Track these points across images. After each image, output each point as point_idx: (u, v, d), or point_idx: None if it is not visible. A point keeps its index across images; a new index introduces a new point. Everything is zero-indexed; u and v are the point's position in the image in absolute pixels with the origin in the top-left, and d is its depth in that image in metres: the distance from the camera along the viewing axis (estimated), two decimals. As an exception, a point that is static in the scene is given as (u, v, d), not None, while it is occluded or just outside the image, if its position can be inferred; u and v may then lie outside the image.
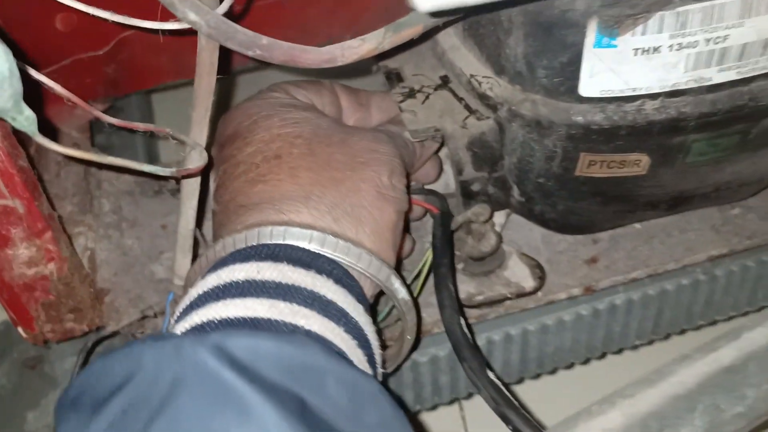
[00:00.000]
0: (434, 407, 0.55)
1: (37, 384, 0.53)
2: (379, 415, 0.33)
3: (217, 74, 0.38)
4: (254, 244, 0.38)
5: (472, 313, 0.51)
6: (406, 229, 0.47)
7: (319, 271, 0.37)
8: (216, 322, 0.34)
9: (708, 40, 0.39)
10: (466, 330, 0.44)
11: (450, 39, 0.48)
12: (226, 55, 0.38)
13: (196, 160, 0.37)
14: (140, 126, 0.39)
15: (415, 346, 0.45)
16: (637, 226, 0.55)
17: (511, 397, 0.41)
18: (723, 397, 0.39)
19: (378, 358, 0.40)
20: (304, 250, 0.38)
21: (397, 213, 0.42)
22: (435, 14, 0.36)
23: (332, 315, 0.36)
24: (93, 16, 0.35)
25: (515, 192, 0.49)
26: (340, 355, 0.35)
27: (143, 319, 0.49)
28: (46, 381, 0.53)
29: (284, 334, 0.33)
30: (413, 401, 0.53)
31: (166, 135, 0.38)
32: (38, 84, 0.32)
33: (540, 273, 0.51)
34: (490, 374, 0.42)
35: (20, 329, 0.46)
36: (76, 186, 0.56)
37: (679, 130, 0.43)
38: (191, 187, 0.42)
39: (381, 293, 0.43)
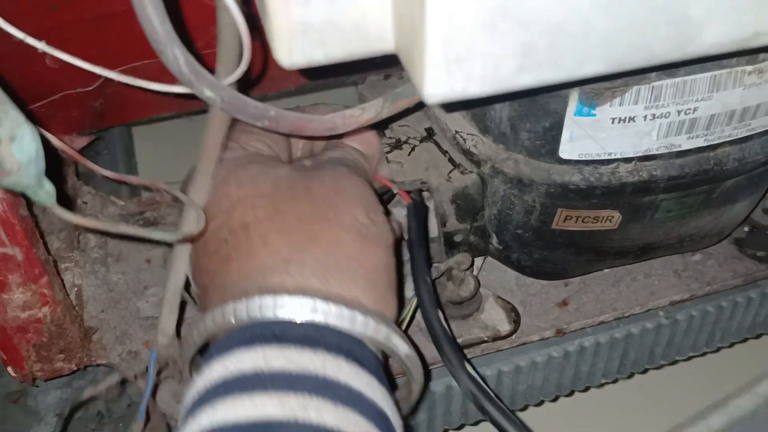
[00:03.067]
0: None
1: (20, 417, 0.53)
2: None
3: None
4: (255, 317, 0.36)
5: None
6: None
7: (328, 349, 0.35)
8: (227, 428, 0.32)
9: (679, 111, 0.43)
10: (444, 324, 0.45)
11: (436, 94, 0.50)
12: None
13: (194, 223, 0.38)
14: (133, 180, 0.41)
15: (421, 398, 0.46)
16: (606, 270, 0.58)
17: (489, 390, 0.43)
18: None
19: (398, 429, 0.37)
20: (306, 325, 0.36)
21: (386, 249, 0.40)
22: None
23: (346, 400, 0.34)
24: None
25: (494, 240, 0.52)
26: None
27: (123, 384, 0.48)
28: (29, 414, 0.53)
29: None
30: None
31: (160, 190, 0.39)
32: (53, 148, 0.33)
33: (515, 316, 0.54)
34: (469, 367, 0.44)
35: (10, 369, 0.47)
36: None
37: (650, 191, 0.46)
38: (182, 246, 0.42)
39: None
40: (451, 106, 0.48)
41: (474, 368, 0.44)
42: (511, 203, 0.48)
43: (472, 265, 0.51)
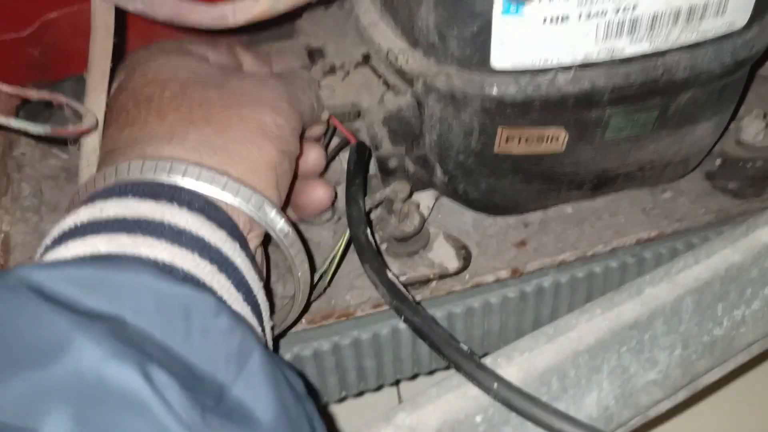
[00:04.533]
0: (361, 393, 0.53)
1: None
2: (203, 323, 0.31)
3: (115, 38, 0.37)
4: (109, 184, 0.36)
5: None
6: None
7: (171, 201, 0.35)
8: (55, 268, 0.31)
9: (617, 10, 0.39)
10: (371, 239, 0.43)
11: (369, 15, 0.47)
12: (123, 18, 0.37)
13: (84, 123, 0.36)
14: (34, 94, 0.38)
15: (310, 295, 0.44)
16: (568, 209, 0.55)
17: (406, 293, 0.41)
18: (631, 358, 0.39)
19: (261, 300, 0.37)
20: (158, 183, 0.35)
21: (280, 152, 0.40)
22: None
23: (186, 243, 0.33)
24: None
25: (438, 171, 0.48)
26: (198, 282, 0.33)
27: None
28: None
29: (108, 264, 0.31)
30: (338, 387, 0.52)
31: (61, 103, 0.37)
32: None
33: (465, 254, 0.51)
34: (389, 274, 0.42)
35: None
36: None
37: (594, 104, 0.43)
38: (89, 148, 0.41)
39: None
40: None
41: (395, 275, 0.42)
42: (448, 125, 0.45)
43: (410, 195, 0.48)
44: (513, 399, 0.34)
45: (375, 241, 0.43)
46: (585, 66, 0.41)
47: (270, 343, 0.39)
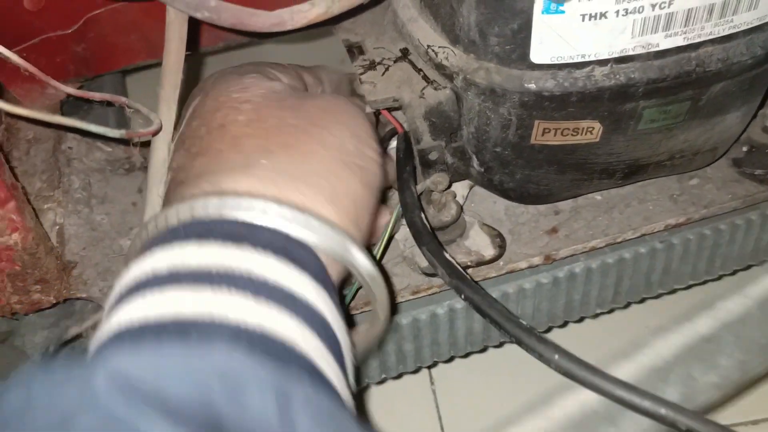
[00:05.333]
0: (399, 376, 0.56)
1: (8, 357, 0.54)
2: (302, 412, 0.28)
3: (187, 51, 0.38)
4: (184, 220, 0.33)
5: (435, 282, 0.52)
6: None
7: (255, 245, 0.32)
8: (134, 327, 0.30)
9: (654, 6, 0.41)
10: (425, 221, 0.44)
11: (408, 11, 0.49)
12: (196, 32, 0.39)
13: (151, 126, 0.38)
14: (96, 95, 0.40)
15: (389, 325, 0.44)
16: (598, 197, 0.56)
17: (464, 272, 0.42)
18: (697, 366, 0.41)
19: (345, 346, 0.34)
20: (236, 222, 0.33)
21: (364, 186, 0.38)
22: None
23: (273, 299, 0.31)
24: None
25: (474, 162, 0.50)
26: (292, 350, 0.31)
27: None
28: (17, 354, 0.54)
29: (195, 341, 0.29)
30: (378, 370, 0.54)
31: (122, 104, 0.39)
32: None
33: (500, 242, 0.52)
34: (447, 255, 0.43)
35: (-13, 301, 0.47)
36: (45, 163, 0.57)
37: (629, 97, 0.44)
38: (158, 157, 0.42)
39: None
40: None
41: (452, 257, 0.43)
42: (487, 118, 0.46)
43: (449, 186, 0.50)
44: (573, 369, 0.36)
45: (430, 225, 0.45)
46: (621, 60, 0.43)
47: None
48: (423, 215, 0.44)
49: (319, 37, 0.68)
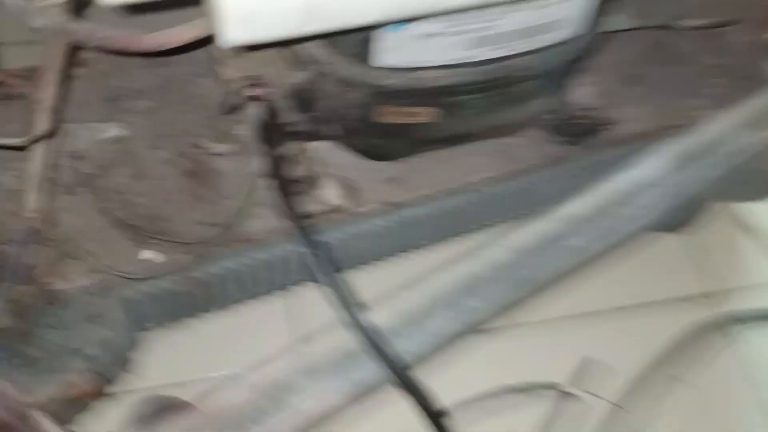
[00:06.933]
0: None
1: None
2: None
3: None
4: None
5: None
6: None
7: None
8: None
9: (481, 28, 0.49)
10: (280, 178, 0.54)
11: None
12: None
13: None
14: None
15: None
16: (433, 154, 0.67)
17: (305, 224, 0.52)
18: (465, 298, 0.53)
19: None
20: None
21: None
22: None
23: None
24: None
25: (329, 129, 0.59)
26: None
27: None
28: None
29: None
30: (239, 293, 0.64)
31: None
32: None
33: (348, 192, 0.62)
34: (292, 207, 0.53)
35: None
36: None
37: (455, 93, 0.54)
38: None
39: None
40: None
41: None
42: (338, 99, 0.55)
43: (304, 146, 0.58)
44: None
45: (284, 179, 0.54)
46: (447, 67, 0.52)
47: None
48: (278, 171, 0.53)
49: None
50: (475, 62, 0.52)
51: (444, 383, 0.59)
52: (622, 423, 0.68)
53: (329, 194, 0.62)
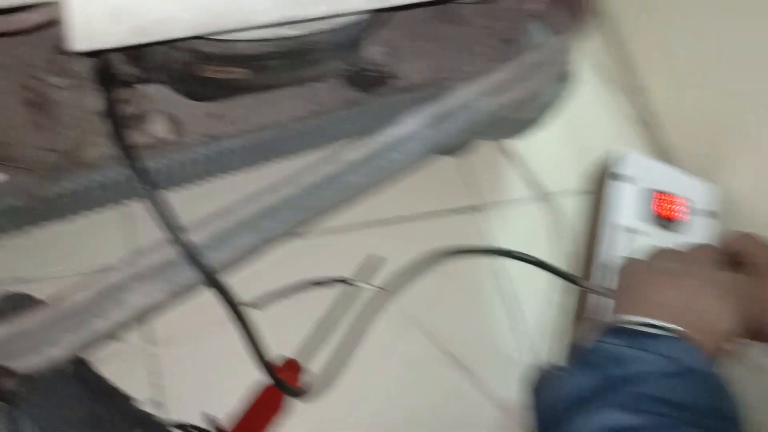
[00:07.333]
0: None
1: None
2: None
3: None
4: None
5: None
6: None
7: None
8: None
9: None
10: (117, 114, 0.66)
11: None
12: None
13: None
14: None
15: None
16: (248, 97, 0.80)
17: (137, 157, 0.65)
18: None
19: None
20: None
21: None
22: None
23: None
24: None
25: (157, 77, 0.70)
26: None
27: None
28: None
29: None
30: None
31: None
32: None
33: (175, 127, 0.75)
34: (126, 139, 0.66)
35: None
36: None
37: (262, 59, 0.67)
38: None
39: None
40: None
41: None
42: (165, 56, 0.66)
43: (138, 92, 0.70)
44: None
45: (117, 115, 0.65)
46: (255, 41, 0.65)
47: None
48: (113, 109, 0.64)
49: None
50: (277, 38, 0.65)
51: (254, 281, 0.76)
52: (386, 303, 0.88)
53: (157, 128, 0.74)
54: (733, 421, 0.57)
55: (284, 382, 0.76)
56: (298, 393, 0.78)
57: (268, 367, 0.73)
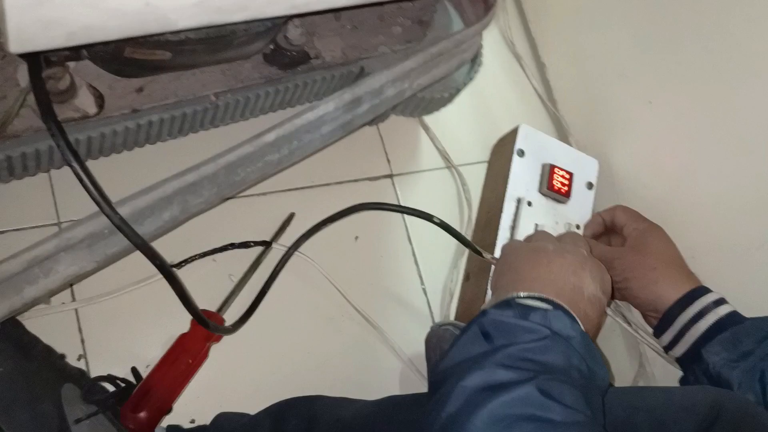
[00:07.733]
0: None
1: None
2: None
3: None
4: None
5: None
6: None
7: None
8: None
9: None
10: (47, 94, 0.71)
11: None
12: None
13: None
14: None
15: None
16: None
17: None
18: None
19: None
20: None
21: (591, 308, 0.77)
22: None
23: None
24: None
25: (86, 55, 0.74)
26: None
27: None
28: None
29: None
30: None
31: None
32: None
33: (101, 101, 0.79)
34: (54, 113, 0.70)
35: None
36: None
37: (185, 44, 0.72)
38: None
39: None
40: None
41: None
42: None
43: (66, 68, 0.73)
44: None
45: (46, 90, 0.69)
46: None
47: None
48: (42, 84, 0.68)
49: None
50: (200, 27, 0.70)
51: (184, 243, 0.82)
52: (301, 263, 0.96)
53: (84, 102, 0.78)
54: (596, 376, 0.68)
55: (215, 324, 0.82)
56: (228, 330, 0.85)
57: (199, 313, 0.78)
